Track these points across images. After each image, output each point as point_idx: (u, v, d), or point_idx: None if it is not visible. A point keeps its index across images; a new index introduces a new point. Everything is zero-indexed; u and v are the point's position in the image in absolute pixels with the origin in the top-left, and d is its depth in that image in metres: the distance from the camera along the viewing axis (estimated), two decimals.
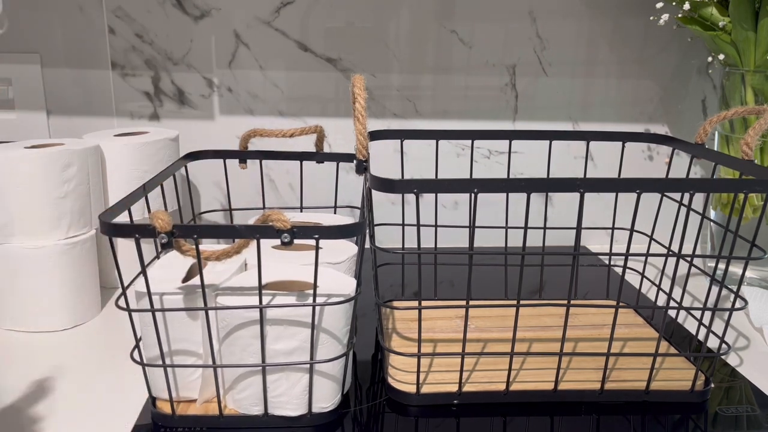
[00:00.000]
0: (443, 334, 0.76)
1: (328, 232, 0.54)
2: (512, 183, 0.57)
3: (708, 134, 0.73)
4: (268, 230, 0.53)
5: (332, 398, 0.61)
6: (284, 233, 0.52)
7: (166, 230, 0.51)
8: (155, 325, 0.57)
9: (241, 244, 0.54)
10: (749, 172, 0.66)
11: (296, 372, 0.59)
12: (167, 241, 0.52)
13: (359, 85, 0.60)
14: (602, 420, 0.63)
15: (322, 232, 0.54)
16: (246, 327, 0.58)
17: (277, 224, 0.52)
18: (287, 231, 0.52)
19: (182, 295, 0.59)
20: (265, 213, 0.53)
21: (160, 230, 0.51)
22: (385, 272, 0.86)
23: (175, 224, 0.52)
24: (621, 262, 0.94)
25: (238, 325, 0.58)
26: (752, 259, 0.62)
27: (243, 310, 0.57)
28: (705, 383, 0.66)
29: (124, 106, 1.01)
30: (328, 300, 0.58)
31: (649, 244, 0.80)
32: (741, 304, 0.65)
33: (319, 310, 0.57)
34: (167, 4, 0.97)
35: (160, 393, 0.62)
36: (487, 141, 0.83)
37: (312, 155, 0.83)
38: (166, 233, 0.51)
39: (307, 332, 0.58)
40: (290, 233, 0.52)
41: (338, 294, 0.59)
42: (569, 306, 0.61)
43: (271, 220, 0.53)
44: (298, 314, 0.57)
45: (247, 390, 0.60)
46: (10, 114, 0.99)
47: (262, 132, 0.80)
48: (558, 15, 1.03)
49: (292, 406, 0.60)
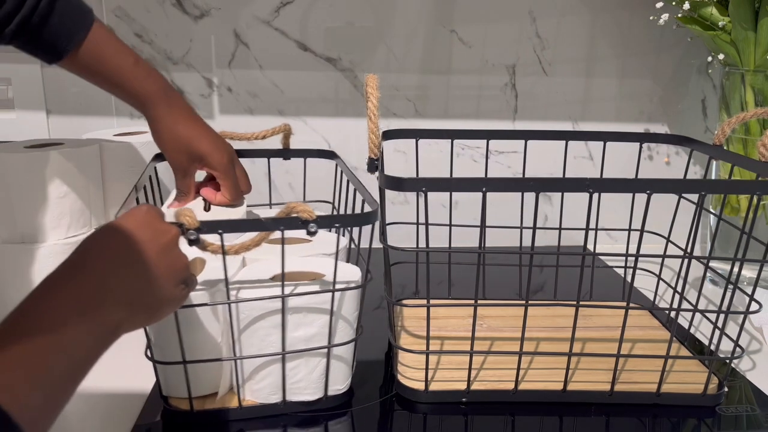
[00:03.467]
0: (455, 332, 0.76)
1: (347, 220, 0.58)
2: (522, 182, 0.57)
3: (726, 135, 0.73)
4: (293, 221, 0.54)
5: (345, 380, 0.64)
6: (311, 223, 0.54)
7: (195, 227, 0.52)
8: (176, 322, 0.57)
9: (262, 237, 0.55)
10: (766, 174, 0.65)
11: (315, 357, 0.61)
12: (196, 237, 0.52)
13: (372, 84, 0.60)
14: (612, 421, 0.63)
15: (343, 221, 0.57)
16: (266, 318, 0.59)
17: (303, 215, 0.54)
18: (314, 221, 0.54)
19: (201, 292, 0.59)
20: (288, 205, 0.54)
21: (189, 227, 0.51)
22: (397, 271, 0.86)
23: (201, 221, 0.52)
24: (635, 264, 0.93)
25: (257, 317, 0.59)
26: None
27: (264, 301, 0.58)
28: (718, 387, 0.66)
29: (124, 106, 0.99)
30: (344, 286, 0.60)
31: (666, 246, 0.80)
32: (755, 306, 0.64)
33: (338, 296, 0.60)
34: (167, 3, 0.97)
35: (173, 391, 0.62)
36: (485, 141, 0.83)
37: (280, 152, 0.84)
38: (195, 229, 0.52)
39: (325, 318, 0.60)
40: (316, 223, 0.54)
41: (348, 281, 0.61)
42: (578, 306, 0.61)
43: (296, 211, 0.54)
44: (316, 301, 0.59)
45: (266, 379, 0.61)
46: (10, 114, 0.98)
47: (231, 135, 0.80)
48: (558, 15, 1.03)
49: (310, 391, 0.62)
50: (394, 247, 0.62)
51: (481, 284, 0.85)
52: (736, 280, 0.64)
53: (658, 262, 0.97)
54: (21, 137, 0.95)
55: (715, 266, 0.97)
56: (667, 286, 0.81)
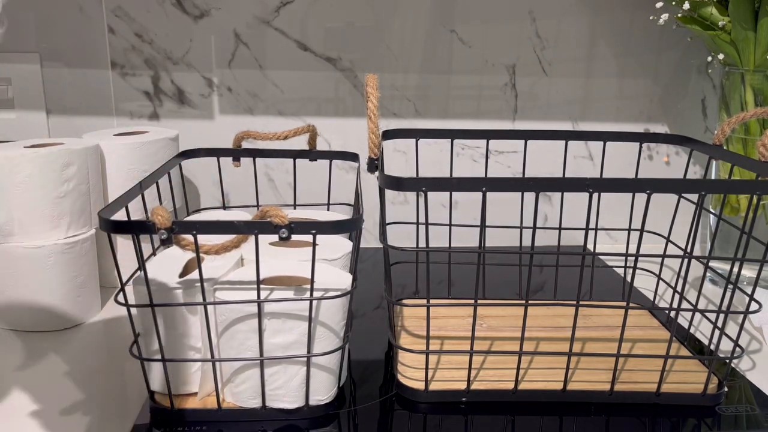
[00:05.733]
0: (455, 332, 0.76)
1: (324, 227, 0.55)
2: (522, 182, 0.57)
3: (726, 135, 0.73)
4: (266, 226, 0.54)
5: (328, 391, 0.63)
6: (282, 228, 0.53)
7: (166, 226, 0.52)
8: (154, 320, 0.58)
9: (240, 239, 0.55)
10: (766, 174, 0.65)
11: (294, 365, 0.60)
12: (167, 237, 0.52)
13: (372, 84, 0.60)
14: (612, 421, 0.63)
15: (319, 228, 0.55)
16: (244, 321, 0.58)
17: (275, 220, 0.53)
18: (285, 226, 0.53)
19: (181, 290, 0.60)
20: (262, 209, 0.54)
21: (160, 226, 0.52)
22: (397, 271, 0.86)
23: (174, 220, 0.53)
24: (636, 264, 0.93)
25: (236, 319, 0.58)
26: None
27: (241, 304, 0.58)
28: (718, 387, 0.66)
29: (124, 106, 1.00)
30: (325, 294, 0.59)
31: (666, 246, 0.80)
32: (755, 306, 0.64)
33: (316, 304, 0.58)
34: (167, 3, 0.97)
35: (158, 387, 0.62)
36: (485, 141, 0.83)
37: (306, 153, 0.84)
38: (166, 229, 0.52)
39: (304, 326, 0.59)
40: (288, 228, 0.53)
41: (334, 288, 0.60)
42: (578, 306, 0.61)
43: (269, 216, 0.53)
44: (296, 308, 0.58)
45: (245, 383, 0.61)
46: (10, 113, 0.98)
47: (255, 135, 0.80)
48: (558, 14, 1.03)
49: (289, 399, 0.61)
50: (394, 246, 0.62)
51: (481, 284, 0.85)
52: (736, 280, 0.64)
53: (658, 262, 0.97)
54: (21, 137, 0.96)
55: (715, 266, 0.97)
56: (667, 285, 0.81)
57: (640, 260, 0.96)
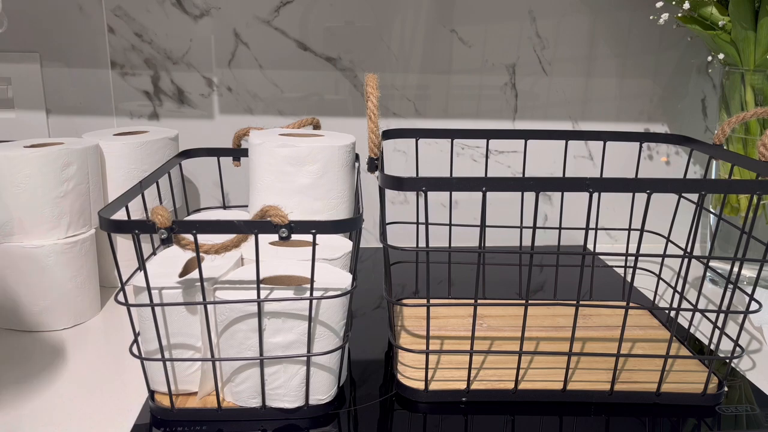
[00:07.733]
0: (455, 332, 0.76)
1: (324, 226, 0.55)
2: (522, 182, 0.57)
3: (726, 135, 0.73)
4: (266, 225, 0.53)
5: (328, 390, 0.63)
6: (282, 228, 0.53)
7: (166, 226, 0.52)
8: (154, 320, 0.58)
9: (240, 239, 0.55)
10: (766, 174, 0.65)
11: (294, 365, 0.60)
12: (167, 236, 0.52)
13: (372, 83, 0.60)
14: (612, 421, 0.63)
15: (319, 227, 0.55)
16: (244, 320, 0.58)
17: (275, 219, 0.53)
18: (285, 226, 0.53)
19: (181, 290, 0.59)
20: (263, 208, 0.54)
21: (160, 226, 0.52)
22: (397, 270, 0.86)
23: (174, 220, 0.53)
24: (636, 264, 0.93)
25: (236, 319, 0.58)
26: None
27: (241, 303, 0.58)
28: (718, 386, 0.66)
29: (124, 106, 1.00)
30: (325, 294, 0.59)
31: (666, 246, 0.80)
32: (755, 306, 0.64)
33: (316, 303, 0.58)
34: (167, 3, 0.97)
35: (158, 387, 0.62)
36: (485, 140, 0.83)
37: None
38: (166, 229, 0.52)
39: (304, 325, 0.59)
40: (287, 228, 0.53)
41: (334, 288, 0.60)
42: (578, 306, 0.61)
43: (269, 215, 0.53)
44: (296, 308, 0.58)
45: (245, 383, 0.61)
46: (10, 113, 0.98)
47: (253, 129, 0.80)
48: (557, 14, 1.03)
49: (289, 398, 0.61)
50: (394, 246, 0.61)
51: (481, 284, 0.85)
52: (736, 280, 0.64)
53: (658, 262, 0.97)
54: (21, 137, 0.96)
55: (715, 266, 0.97)
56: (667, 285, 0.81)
57: (640, 260, 0.96)
